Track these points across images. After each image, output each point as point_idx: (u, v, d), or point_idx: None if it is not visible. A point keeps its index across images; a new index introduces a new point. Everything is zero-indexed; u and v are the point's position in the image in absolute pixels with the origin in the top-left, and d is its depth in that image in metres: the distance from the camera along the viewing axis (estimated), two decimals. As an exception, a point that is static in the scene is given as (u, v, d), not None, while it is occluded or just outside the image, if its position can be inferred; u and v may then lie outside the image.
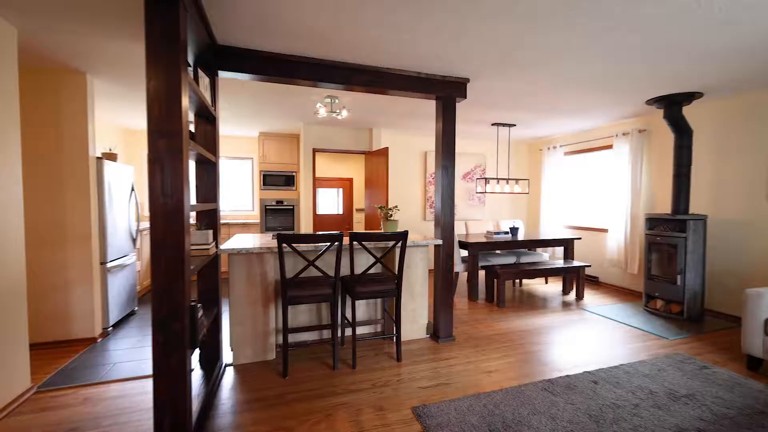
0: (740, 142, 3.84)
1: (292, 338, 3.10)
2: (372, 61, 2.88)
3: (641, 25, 2.29)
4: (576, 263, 4.74)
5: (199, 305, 2.00)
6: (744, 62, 2.88)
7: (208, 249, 2.23)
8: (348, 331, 3.33)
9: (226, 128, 5.51)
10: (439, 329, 3.32)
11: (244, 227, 5.69)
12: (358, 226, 8.03)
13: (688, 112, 4.25)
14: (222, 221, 5.63)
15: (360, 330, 3.38)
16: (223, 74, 2.66)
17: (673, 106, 3.86)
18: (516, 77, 3.25)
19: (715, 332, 3.54)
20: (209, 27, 2.26)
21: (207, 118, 2.48)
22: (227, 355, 2.89)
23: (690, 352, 3.10)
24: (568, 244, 5.03)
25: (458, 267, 4.61)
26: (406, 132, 5.90)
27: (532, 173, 6.93)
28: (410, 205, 6.26)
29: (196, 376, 2.40)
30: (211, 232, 2.32)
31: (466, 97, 3.34)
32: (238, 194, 6.29)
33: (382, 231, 3.42)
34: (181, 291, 1.71)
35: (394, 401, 2.34)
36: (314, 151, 5.38)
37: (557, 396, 2.40)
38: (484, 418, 2.16)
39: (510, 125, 5.30)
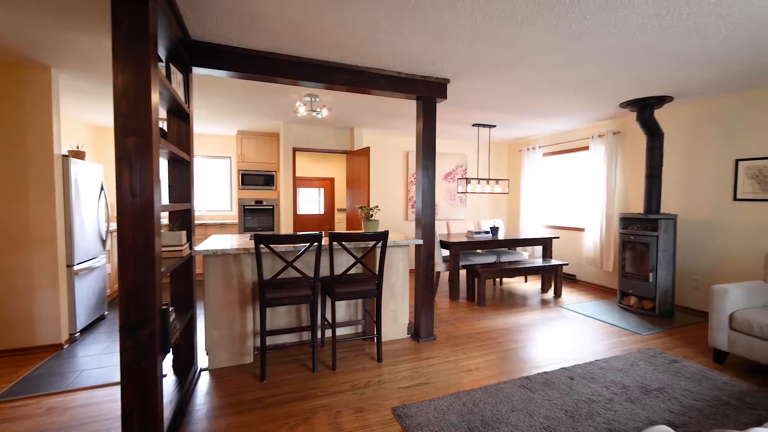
0: (708, 145, 3.99)
1: (271, 341, 3.04)
2: (353, 60, 2.85)
3: (615, 30, 2.35)
4: (554, 262, 4.84)
5: (171, 308, 1.93)
6: (710, 68, 3.00)
7: (181, 250, 2.16)
8: (328, 333, 3.30)
9: (202, 126, 5.37)
10: (420, 329, 3.32)
11: (222, 228, 5.55)
12: (340, 226, 7.97)
13: (660, 115, 4.40)
14: (198, 222, 5.47)
15: (340, 331, 3.35)
16: (197, 70, 2.59)
17: (645, 109, 3.98)
18: (495, 78, 3.28)
19: (685, 327, 3.68)
20: (182, 21, 2.19)
21: (180, 115, 2.40)
22: (203, 360, 2.81)
23: (661, 346, 3.20)
24: (546, 243, 5.13)
25: (439, 266, 4.63)
26: (388, 132, 5.89)
27: (512, 173, 7.03)
28: (392, 205, 6.26)
29: (169, 381, 2.32)
30: (184, 232, 2.24)
31: (446, 98, 3.36)
32: (216, 194, 6.14)
33: (362, 231, 3.40)
34: (151, 294, 1.64)
35: (374, 402, 2.32)
36: (294, 150, 5.31)
37: (535, 392, 2.43)
38: (463, 416, 2.17)
39: (490, 126, 5.37)
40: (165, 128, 2.31)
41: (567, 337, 3.42)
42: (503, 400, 2.34)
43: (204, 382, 2.54)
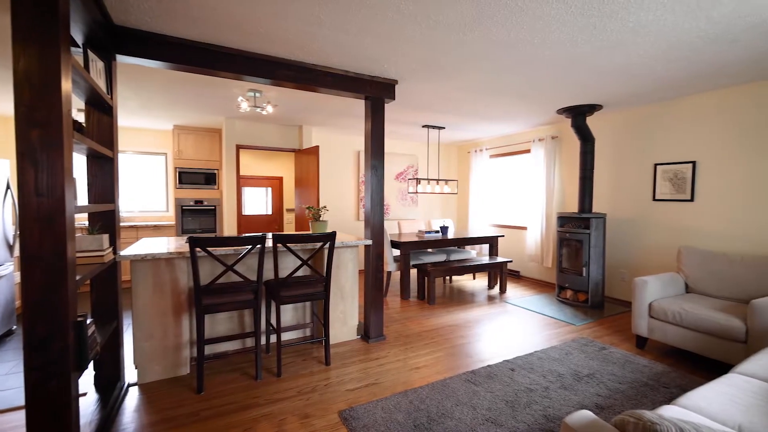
0: (631, 150, 4.38)
1: (210, 349, 2.86)
2: (298, 56, 2.77)
3: (548, 41, 2.48)
4: (500, 259, 5.06)
5: (89, 320, 1.75)
6: (632, 80, 3.28)
7: (102, 256, 1.96)
8: (274, 338, 3.18)
9: (132, 119, 4.95)
10: (370, 329, 3.31)
11: (157, 230, 5.16)
12: (289, 227, 7.76)
13: (592, 121, 4.76)
14: (128, 224, 5.01)
15: (287, 335, 3.25)
16: (122, 59, 2.37)
17: (578, 115, 4.28)
18: (441, 81, 3.35)
19: (613, 317, 4.00)
20: (102, 4, 1.99)
21: (101, 107, 2.18)
22: (131, 374, 2.58)
23: (592, 335, 3.45)
24: (493, 242, 5.34)
25: (390, 266, 4.65)
26: (338, 131, 5.82)
27: (461, 174, 7.26)
28: (343, 205, 6.20)
29: (89, 401, 2.10)
30: (106, 236, 2.04)
31: (394, 99, 3.38)
32: (150, 193, 5.66)
33: (310, 232, 3.32)
34: (62, 305, 1.48)
35: (320, 407, 2.27)
36: (238, 147, 5.07)
37: (478, 386, 2.51)
38: (410, 414, 2.18)
39: (440, 128, 5.49)
40: (83, 121, 2.09)
41: (510, 330, 3.58)
42: (449, 395, 2.39)
43: (133, 399, 2.33)
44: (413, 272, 6.21)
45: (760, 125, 3.33)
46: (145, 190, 5.64)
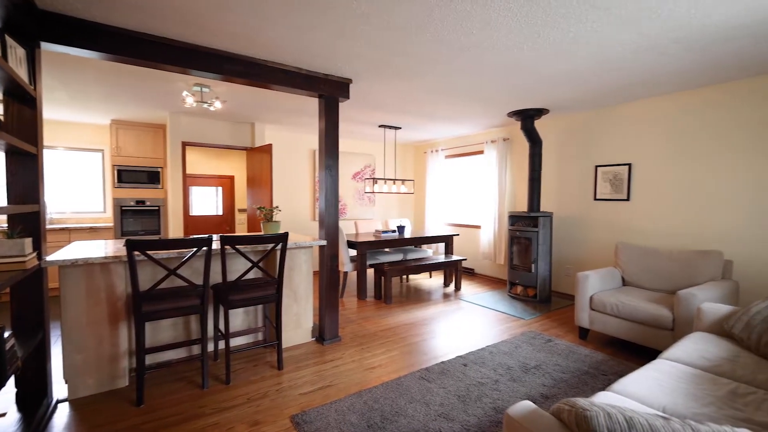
0: (575, 152, 4.67)
1: (152, 359, 2.69)
2: (247, 51, 2.68)
3: (497, 46, 2.58)
4: (455, 257, 5.19)
5: (8, 333, 1.58)
6: (574, 86, 3.49)
7: (23, 262, 1.77)
8: (223, 344, 3.04)
9: (64, 113, 4.55)
10: (325, 331, 3.26)
11: (93, 233, 4.77)
12: (241, 228, 7.48)
13: (539, 125, 5.01)
14: (59, 226, 4.56)
15: (238, 340, 3.12)
16: (48, 46, 2.16)
17: (527, 119, 4.49)
18: (396, 82, 3.38)
19: (559, 310, 4.24)
20: (21, -17, 1.81)
21: (23, 98, 1.97)
22: (61, 389, 2.36)
23: (540, 328, 3.64)
24: (448, 241, 5.47)
25: (347, 266, 4.62)
26: (293, 129, 5.69)
27: (417, 174, 7.37)
28: (298, 205, 6.06)
29: (10, 420, 1.89)
30: (29, 240, 1.85)
31: (349, 98, 3.36)
32: (85, 193, 5.21)
33: (261, 233, 3.22)
34: (-31, 318, 1.31)
35: (271, 413, 2.20)
36: (184, 144, 4.80)
37: (432, 382, 2.56)
38: (363, 414, 2.18)
39: (396, 128, 5.54)
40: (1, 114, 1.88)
41: (464, 326, 3.69)
42: (403, 393, 2.42)
43: (62, 416, 2.14)
44: (370, 272, 6.21)
45: (687, 131, 3.67)
46: (80, 189, 5.18)
